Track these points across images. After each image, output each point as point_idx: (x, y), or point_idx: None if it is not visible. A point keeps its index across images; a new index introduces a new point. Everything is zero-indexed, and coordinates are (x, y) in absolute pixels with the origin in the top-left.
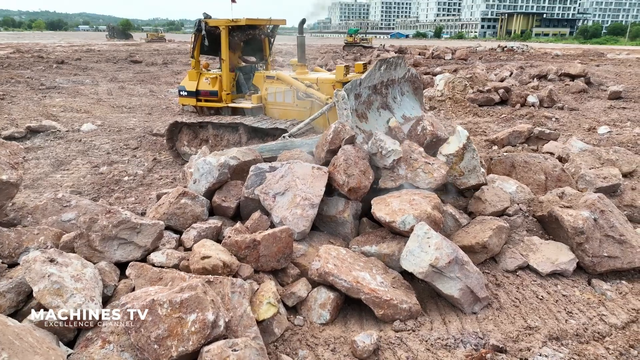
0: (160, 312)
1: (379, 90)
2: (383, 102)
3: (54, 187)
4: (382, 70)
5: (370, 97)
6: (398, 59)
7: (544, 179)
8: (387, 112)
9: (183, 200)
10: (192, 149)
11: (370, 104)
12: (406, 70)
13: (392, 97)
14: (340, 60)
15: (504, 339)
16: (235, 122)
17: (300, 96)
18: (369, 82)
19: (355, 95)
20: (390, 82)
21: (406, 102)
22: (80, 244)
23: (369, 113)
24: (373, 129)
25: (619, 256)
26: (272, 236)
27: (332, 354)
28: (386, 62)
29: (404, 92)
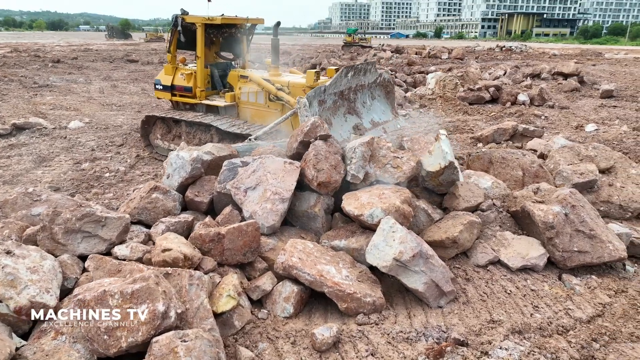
0: (111, 303)
1: (346, 96)
2: (350, 107)
3: (33, 183)
4: (349, 77)
5: (336, 103)
6: (367, 65)
7: (521, 174)
8: (354, 117)
9: (154, 195)
10: (165, 142)
11: (336, 109)
12: (377, 75)
13: (362, 102)
14: (335, 59)
15: (467, 333)
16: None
17: (272, 98)
18: (334, 89)
19: (319, 101)
20: (360, 87)
21: (377, 107)
22: (43, 237)
23: (334, 119)
24: (337, 135)
25: (589, 251)
26: (238, 230)
27: (292, 347)
28: (353, 68)
29: (375, 97)
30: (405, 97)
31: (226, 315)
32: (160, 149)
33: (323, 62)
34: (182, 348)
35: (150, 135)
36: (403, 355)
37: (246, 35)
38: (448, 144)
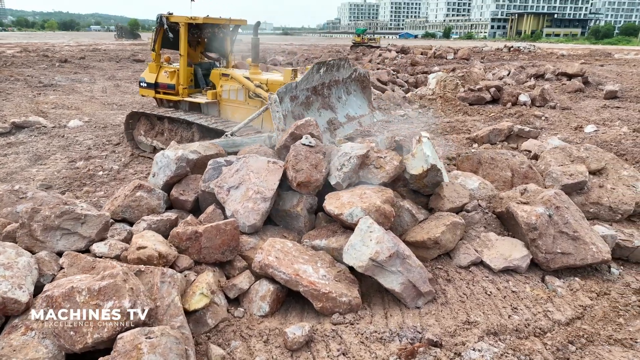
0: (78, 299)
1: (320, 91)
2: (324, 102)
3: (27, 180)
4: (321, 73)
5: (309, 98)
6: (340, 61)
7: (510, 175)
8: (328, 112)
9: (138, 193)
10: (148, 139)
11: (310, 105)
12: (352, 71)
13: (337, 97)
14: None
15: (441, 334)
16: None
17: (251, 95)
18: (306, 85)
19: (291, 97)
20: (334, 82)
21: (352, 101)
22: (21, 234)
23: (307, 113)
24: None
25: (572, 253)
26: (216, 228)
27: (264, 345)
28: (325, 64)
29: (350, 92)
30: (404, 97)
31: (199, 313)
32: (143, 145)
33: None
34: (145, 345)
35: (134, 131)
36: (375, 355)
37: (230, 35)
38: (430, 146)
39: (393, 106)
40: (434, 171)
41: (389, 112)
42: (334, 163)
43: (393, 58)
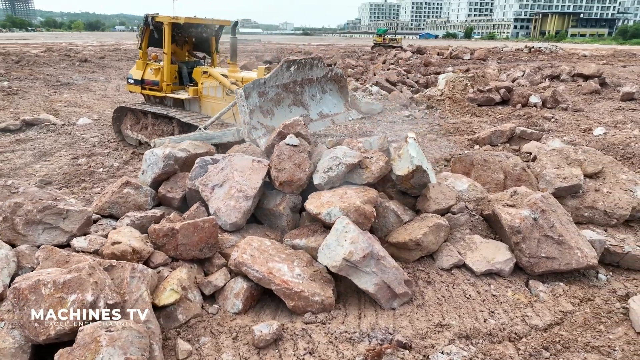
0: (44, 292)
1: (291, 88)
2: (296, 99)
3: (29, 176)
4: (292, 71)
5: (279, 95)
6: (313, 60)
7: (502, 177)
8: (300, 109)
9: (126, 190)
10: (134, 133)
11: (280, 101)
12: (327, 70)
13: (310, 95)
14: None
15: (412, 336)
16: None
17: (227, 92)
18: (275, 82)
19: (259, 93)
20: (307, 81)
21: (328, 100)
22: (4, 228)
23: (277, 109)
24: (278, 124)
25: (557, 257)
26: (193, 225)
27: (233, 342)
28: (295, 63)
29: (326, 90)
30: (411, 98)
31: (170, 308)
32: (129, 139)
33: (338, 62)
34: (105, 338)
35: (121, 125)
36: (342, 355)
37: (214, 35)
38: (416, 147)
39: (399, 107)
40: (420, 172)
41: (394, 113)
42: (322, 164)
43: (407, 58)
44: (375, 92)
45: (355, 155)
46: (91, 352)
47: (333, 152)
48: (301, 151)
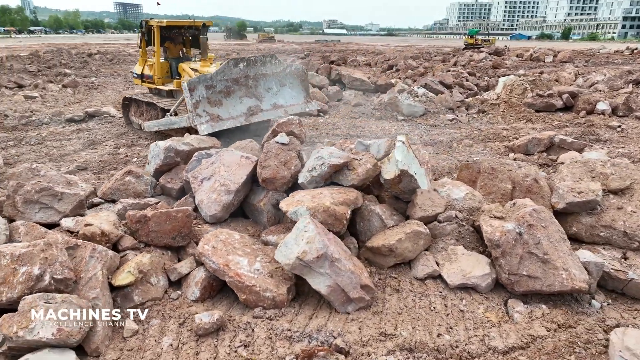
0: (2, 262)
1: (243, 82)
2: (249, 92)
3: (72, 161)
4: (241, 67)
5: (229, 88)
6: (264, 57)
7: (510, 188)
8: (252, 100)
9: (127, 178)
10: (135, 118)
11: (230, 93)
12: (285, 66)
13: (266, 87)
14: (410, 61)
15: (354, 342)
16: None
17: None
18: (223, 77)
19: (206, 86)
20: (261, 75)
21: (286, 92)
22: (7, 204)
23: (227, 100)
24: (225, 113)
25: (540, 277)
26: (166, 215)
27: (178, 327)
28: (243, 60)
29: (285, 84)
30: (462, 101)
31: (127, 289)
32: (134, 124)
33: (399, 63)
34: (41, 308)
35: (129, 112)
36: (275, 352)
37: (203, 34)
38: (403, 151)
39: (444, 110)
40: (407, 177)
41: (437, 116)
42: (308, 163)
43: (479, 60)
44: (422, 94)
45: (341, 156)
46: (27, 318)
47: (319, 152)
48: (290, 150)
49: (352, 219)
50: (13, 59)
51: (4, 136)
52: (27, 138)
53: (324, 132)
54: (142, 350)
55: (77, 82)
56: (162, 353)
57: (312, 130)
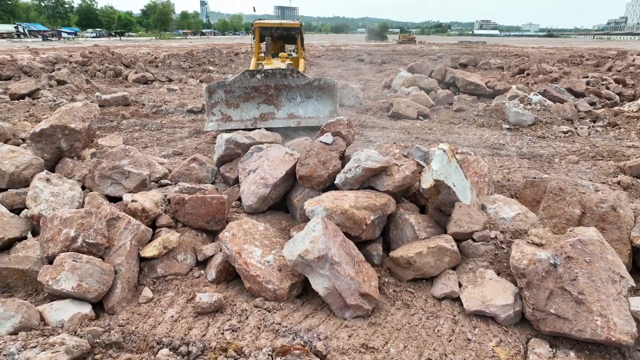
0: (54, 223)
1: (263, 90)
2: (268, 99)
3: (173, 147)
4: (258, 78)
5: (248, 94)
6: (285, 71)
7: (579, 214)
8: (271, 107)
9: (192, 165)
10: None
11: (249, 98)
12: (310, 80)
13: (288, 98)
14: (545, 65)
15: (335, 348)
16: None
17: None
18: (240, 84)
19: (225, 90)
20: (283, 86)
21: (310, 105)
22: (88, 177)
23: (244, 104)
24: (239, 115)
25: (570, 319)
26: (202, 200)
27: (185, 302)
28: (260, 72)
29: (311, 96)
30: (589, 112)
31: (153, 261)
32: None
33: (532, 67)
34: (68, 264)
35: None
36: (257, 342)
37: (296, 34)
38: (442, 160)
39: (560, 120)
40: (445, 188)
41: (549, 127)
42: (348, 164)
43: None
44: (536, 101)
45: (379, 160)
46: (57, 271)
47: (358, 154)
48: (332, 149)
49: (387, 226)
50: (172, 57)
51: (134, 122)
52: (150, 124)
53: (414, 135)
54: (148, 316)
55: (212, 77)
56: (162, 322)
57: (402, 134)
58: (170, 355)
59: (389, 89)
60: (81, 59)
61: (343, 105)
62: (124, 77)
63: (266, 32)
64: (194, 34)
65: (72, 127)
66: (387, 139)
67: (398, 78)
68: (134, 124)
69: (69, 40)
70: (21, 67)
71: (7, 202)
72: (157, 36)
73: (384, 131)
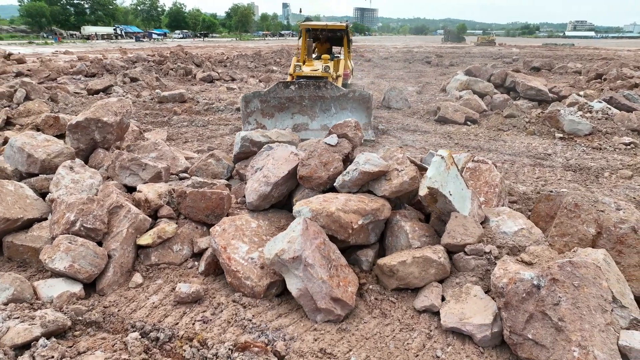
0: (61, 207)
1: (297, 101)
2: (303, 109)
3: (210, 143)
4: (292, 89)
5: (284, 104)
6: (317, 82)
7: (593, 233)
8: (305, 117)
9: (209, 160)
10: None
11: (284, 108)
12: (345, 92)
13: (323, 109)
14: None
15: (297, 350)
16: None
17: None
18: (275, 95)
19: (260, 100)
20: (318, 97)
21: (343, 116)
22: (109, 167)
23: (279, 114)
24: (272, 125)
25: (547, 346)
26: (201, 194)
27: (170, 291)
28: (294, 83)
29: (346, 108)
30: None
31: (148, 249)
32: None
33: (611, 71)
34: (63, 245)
35: None
36: (222, 335)
37: (342, 35)
38: (438, 167)
39: (623, 131)
40: (441, 197)
41: (609, 137)
42: (348, 167)
43: None
44: (598, 109)
45: (378, 164)
46: (54, 251)
47: (358, 157)
48: (335, 151)
49: (383, 232)
50: (241, 57)
51: (184, 118)
52: (198, 121)
53: (454, 141)
54: (132, 301)
55: (271, 77)
56: (142, 307)
57: (443, 139)
58: (138, 338)
59: (444, 93)
60: (158, 58)
61: (390, 108)
62: (193, 75)
63: (313, 34)
64: (273, 35)
65: (105, 120)
66: (425, 144)
67: (453, 81)
68: (183, 120)
69: (157, 41)
70: (104, 66)
71: (37, 186)
72: (237, 37)
73: (425, 135)
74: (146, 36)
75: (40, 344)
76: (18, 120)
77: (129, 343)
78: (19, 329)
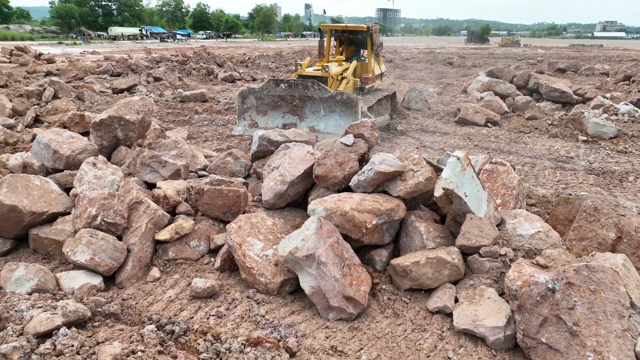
0: (83, 202)
1: (289, 100)
2: (293, 109)
3: (229, 142)
4: (282, 87)
5: (276, 102)
6: (305, 82)
7: (613, 238)
8: (295, 117)
9: (227, 158)
10: None
11: (276, 106)
12: (332, 94)
13: (312, 110)
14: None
15: (308, 347)
16: None
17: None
18: (268, 92)
19: (256, 97)
20: (307, 98)
21: (333, 119)
22: (131, 164)
23: (272, 112)
24: (264, 122)
25: (561, 351)
26: (219, 191)
27: (186, 285)
28: (284, 82)
29: (334, 110)
30: None
31: (166, 245)
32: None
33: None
34: (85, 239)
35: None
36: (235, 331)
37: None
38: (454, 168)
39: None
40: (456, 198)
41: (635, 141)
42: (364, 167)
43: None
44: (625, 111)
45: (393, 164)
46: (76, 244)
47: (374, 157)
48: (351, 151)
49: (399, 233)
50: (262, 57)
51: (205, 117)
52: (218, 120)
53: (474, 142)
54: (150, 294)
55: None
56: (159, 301)
57: (463, 141)
58: (154, 331)
59: (465, 94)
60: (181, 58)
61: (410, 108)
62: (215, 75)
63: (337, 36)
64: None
65: (127, 119)
66: (444, 145)
67: (475, 82)
68: (204, 119)
69: (181, 42)
70: (129, 65)
71: (62, 181)
72: (259, 38)
73: (444, 137)
74: (170, 37)
75: (61, 332)
76: (46, 118)
77: (145, 335)
78: (41, 318)
